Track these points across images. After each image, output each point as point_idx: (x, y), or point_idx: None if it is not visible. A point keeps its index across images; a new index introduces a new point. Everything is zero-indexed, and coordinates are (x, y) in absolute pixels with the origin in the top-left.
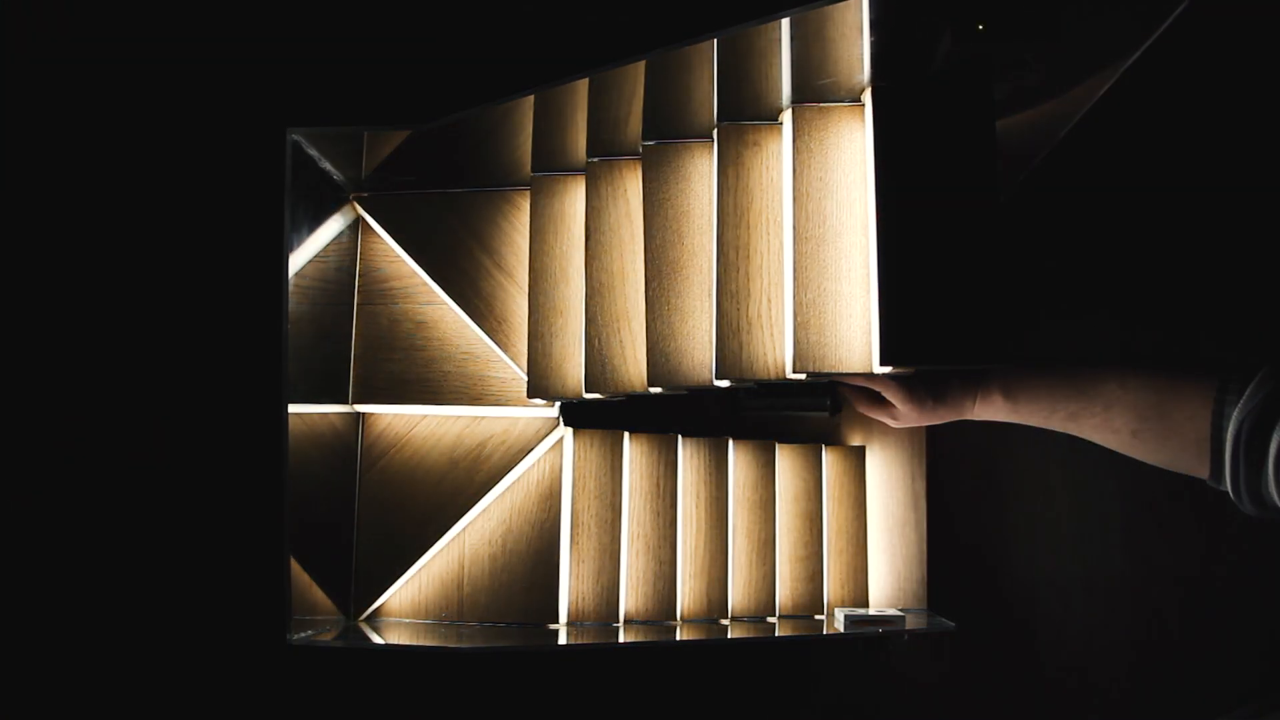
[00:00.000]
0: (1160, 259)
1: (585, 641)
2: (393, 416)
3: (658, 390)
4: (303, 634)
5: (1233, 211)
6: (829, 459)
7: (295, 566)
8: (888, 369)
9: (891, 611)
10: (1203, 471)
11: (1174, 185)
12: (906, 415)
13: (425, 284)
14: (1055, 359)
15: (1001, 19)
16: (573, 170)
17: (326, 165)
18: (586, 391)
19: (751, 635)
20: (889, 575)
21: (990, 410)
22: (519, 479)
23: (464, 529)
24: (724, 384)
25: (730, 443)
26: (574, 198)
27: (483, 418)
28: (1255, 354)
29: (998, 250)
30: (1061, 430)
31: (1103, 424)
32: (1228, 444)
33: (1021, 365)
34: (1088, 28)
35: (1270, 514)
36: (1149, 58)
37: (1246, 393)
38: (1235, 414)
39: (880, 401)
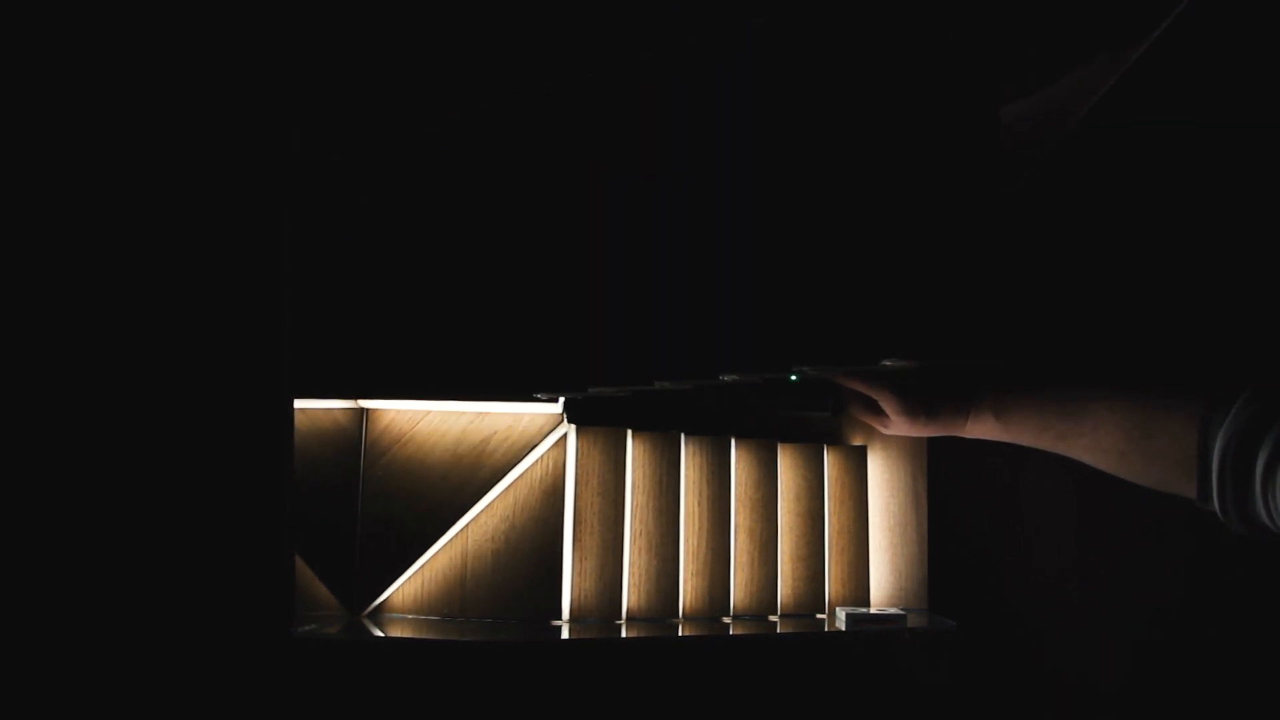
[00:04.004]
0: (1149, 268)
1: (588, 637)
2: (396, 412)
3: (664, 385)
4: (306, 628)
5: (1231, 220)
6: (830, 458)
7: (298, 561)
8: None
9: (893, 610)
10: (1190, 491)
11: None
12: (899, 425)
13: None
14: (1048, 375)
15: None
16: None
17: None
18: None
19: (753, 633)
20: (890, 575)
21: (981, 428)
22: (522, 475)
23: (467, 525)
24: (729, 378)
25: (732, 441)
26: None
27: (486, 414)
28: (1241, 372)
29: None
30: (1051, 450)
31: (1091, 445)
32: (1214, 464)
33: (1014, 385)
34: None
35: (1259, 533)
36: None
37: (1232, 413)
38: (1221, 434)
39: (876, 408)
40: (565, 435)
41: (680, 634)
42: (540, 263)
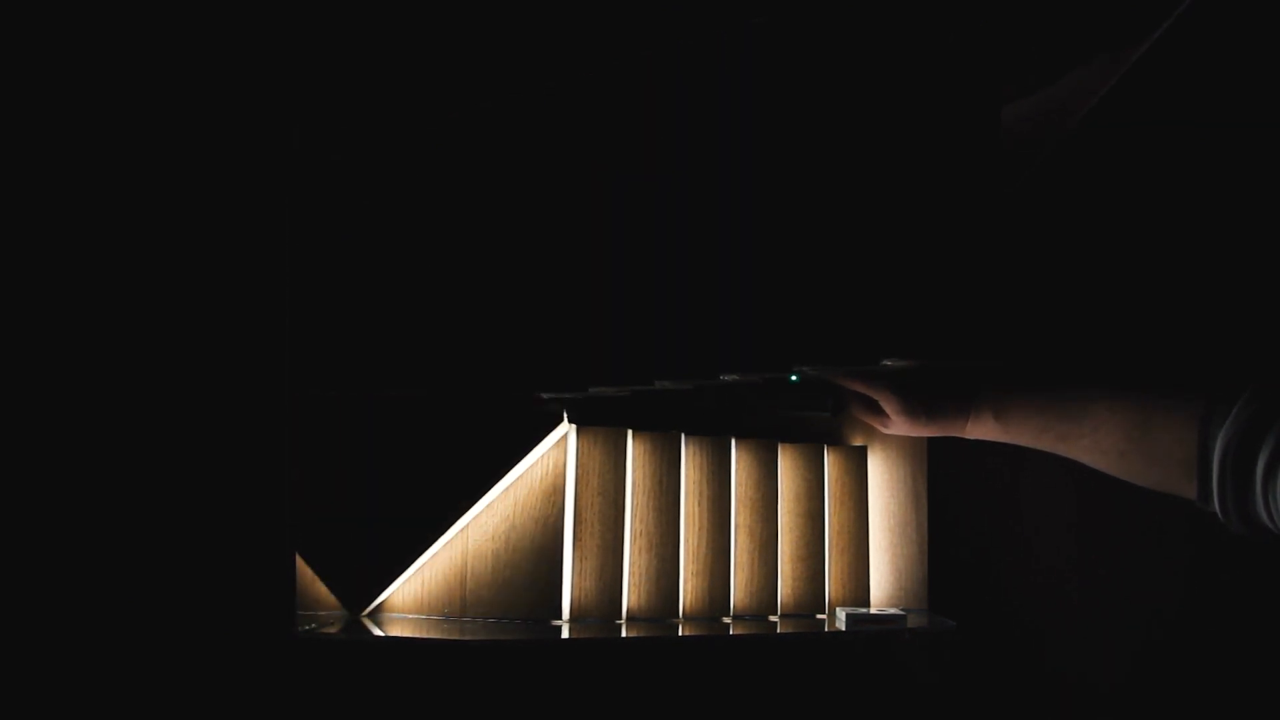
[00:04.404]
0: (1147, 269)
1: (588, 637)
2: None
3: (664, 384)
4: (306, 627)
5: (1231, 220)
6: (830, 459)
7: (299, 561)
8: None
9: (893, 611)
10: (1190, 492)
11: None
12: (899, 425)
13: None
14: (1048, 376)
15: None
16: None
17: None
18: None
19: (753, 633)
20: (890, 575)
21: (981, 429)
22: (522, 475)
23: (467, 525)
24: (729, 378)
25: (733, 441)
26: None
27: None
28: (1241, 372)
29: None
30: (1051, 450)
31: (1091, 445)
32: (1214, 464)
33: (1014, 386)
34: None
35: (1259, 534)
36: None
37: (1232, 413)
38: (1221, 434)
39: (876, 409)
40: (565, 435)
41: (680, 634)
42: (540, 263)
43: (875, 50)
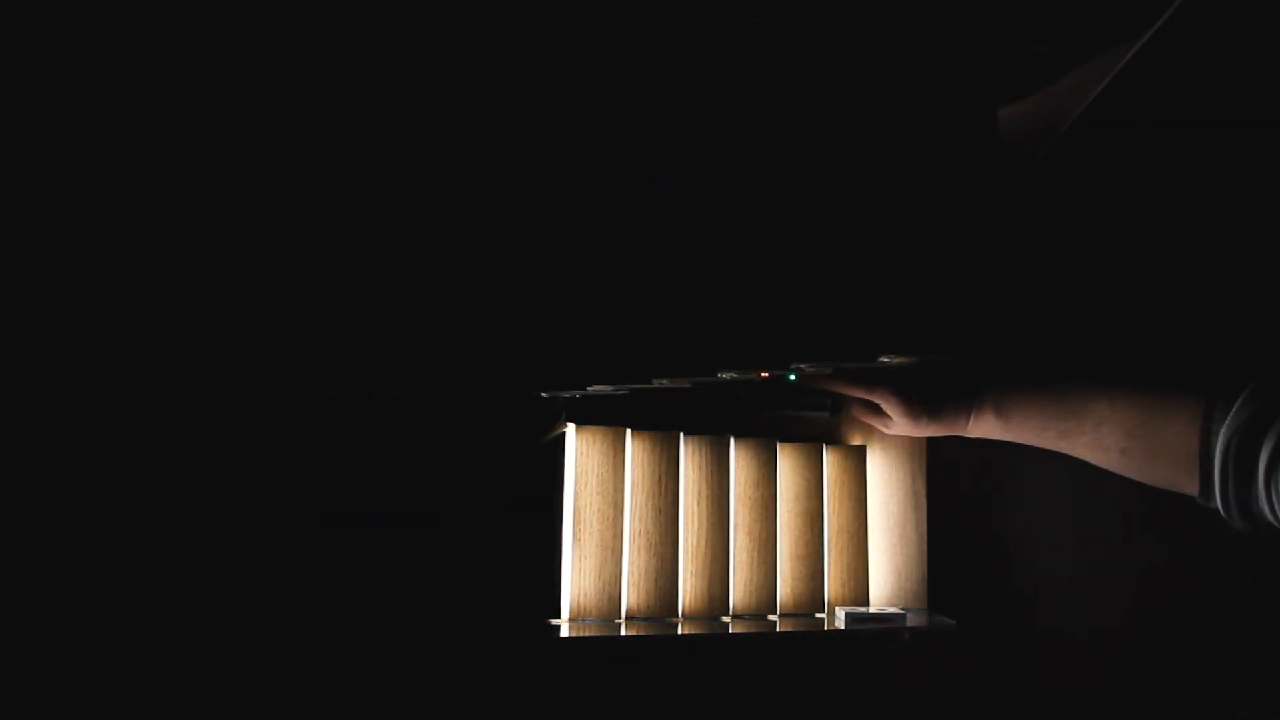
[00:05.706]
0: (1146, 268)
1: (588, 636)
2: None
3: (662, 383)
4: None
5: (1230, 220)
6: (830, 458)
7: None
8: None
9: (892, 610)
10: (1192, 488)
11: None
12: (900, 425)
13: None
14: (1049, 374)
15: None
16: None
17: None
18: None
19: (753, 632)
20: (889, 574)
21: (983, 428)
22: None
23: None
24: (728, 376)
25: (732, 441)
26: None
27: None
28: (1242, 370)
29: None
30: (1053, 448)
31: (1093, 442)
32: (1216, 460)
33: (1015, 384)
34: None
35: (1261, 529)
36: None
37: (1233, 409)
38: (1223, 430)
39: (877, 409)
40: (565, 434)
41: (680, 633)
42: (540, 262)
43: (875, 49)
